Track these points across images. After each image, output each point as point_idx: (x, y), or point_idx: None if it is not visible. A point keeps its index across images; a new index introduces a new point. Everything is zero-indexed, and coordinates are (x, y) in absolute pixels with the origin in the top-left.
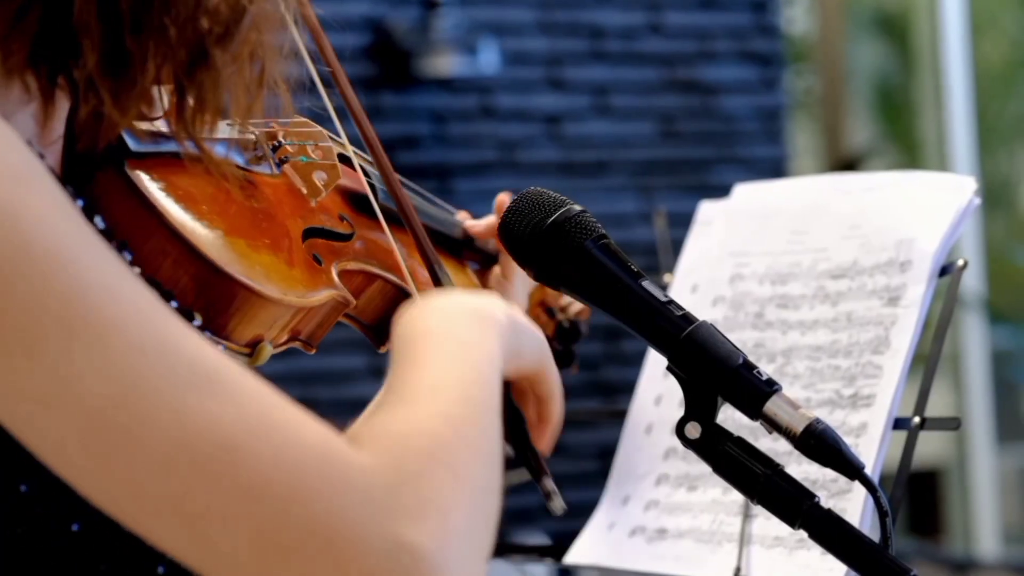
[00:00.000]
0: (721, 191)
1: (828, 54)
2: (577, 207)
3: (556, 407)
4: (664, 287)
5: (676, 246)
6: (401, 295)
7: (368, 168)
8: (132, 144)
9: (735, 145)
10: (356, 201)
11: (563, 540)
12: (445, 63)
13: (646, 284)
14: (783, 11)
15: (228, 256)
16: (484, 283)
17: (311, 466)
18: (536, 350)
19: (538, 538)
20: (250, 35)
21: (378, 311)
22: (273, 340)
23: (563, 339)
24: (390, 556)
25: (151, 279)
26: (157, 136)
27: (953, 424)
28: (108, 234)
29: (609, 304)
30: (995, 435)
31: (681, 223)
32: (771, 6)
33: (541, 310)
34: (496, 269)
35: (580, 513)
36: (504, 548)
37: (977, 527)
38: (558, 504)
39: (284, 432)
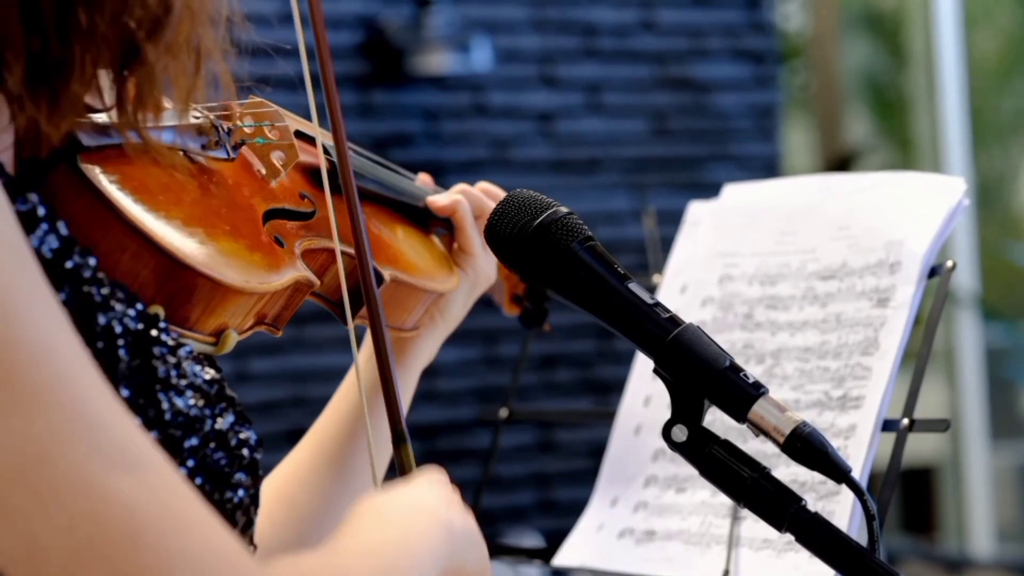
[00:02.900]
0: (714, 189)
1: (822, 51)
2: (563, 209)
3: None
4: (653, 288)
5: (670, 244)
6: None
7: (327, 143)
8: (84, 138)
9: (728, 143)
10: (317, 177)
11: (557, 539)
12: (438, 61)
13: (632, 286)
14: (776, 8)
15: (187, 246)
16: (450, 247)
17: (213, 569)
18: (480, 560)
19: (531, 538)
20: (183, 25)
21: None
22: (238, 327)
23: (533, 298)
24: None
25: (110, 275)
26: (109, 128)
27: (942, 426)
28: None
29: (595, 306)
30: (989, 433)
31: (674, 221)
32: (764, 3)
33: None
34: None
35: (573, 511)
36: (494, 549)
37: (971, 525)
38: None
39: (194, 531)
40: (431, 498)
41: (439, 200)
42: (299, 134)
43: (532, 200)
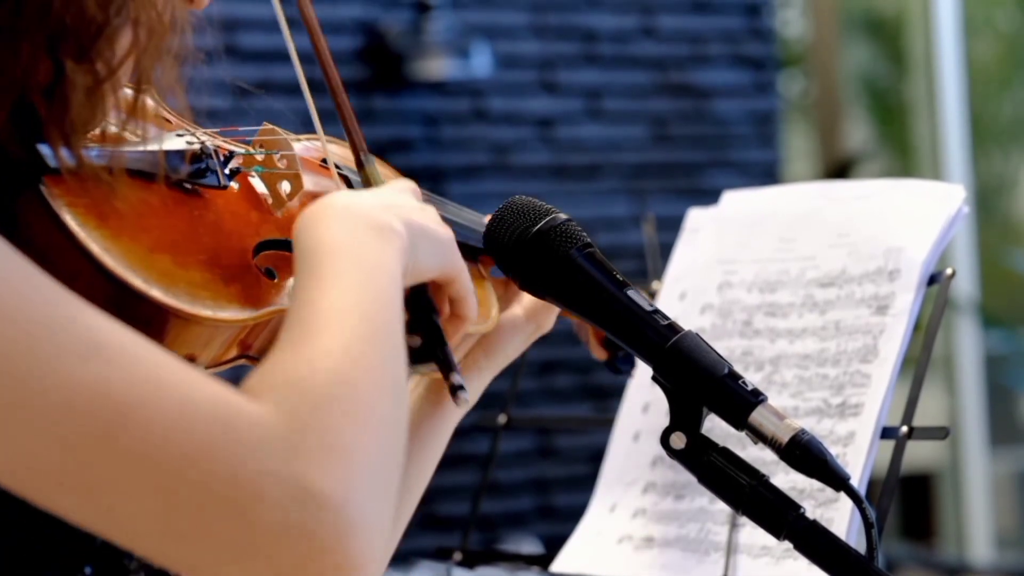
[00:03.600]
0: (714, 195)
1: (822, 57)
2: (562, 215)
3: (468, 307)
4: (652, 295)
5: (669, 250)
6: None
7: (350, 174)
8: (50, 159)
9: (728, 149)
10: None
11: (556, 545)
12: (437, 66)
13: (631, 293)
14: (776, 14)
15: (146, 275)
16: (509, 288)
17: (205, 424)
18: (437, 255)
19: (530, 544)
20: (131, 48)
21: None
22: (211, 359)
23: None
24: (296, 505)
25: None
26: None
27: (941, 434)
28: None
29: (594, 313)
30: (988, 439)
31: (674, 227)
32: (764, 10)
33: None
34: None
35: (572, 517)
36: (492, 556)
37: (970, 531)
38: (462, 398)
39: (175, 393)
40: (362, 203)
41: None
42: (324, 163)
43: (531, 206)
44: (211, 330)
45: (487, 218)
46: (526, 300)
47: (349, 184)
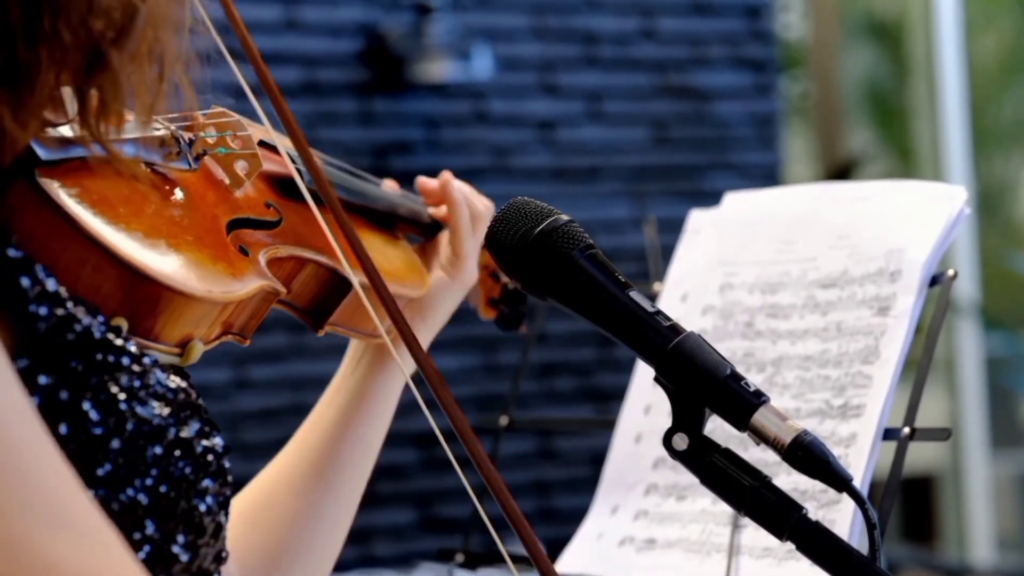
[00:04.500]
0: (714, 197)
1: (822, 60)
2: (564, 217)
3: None
4: (654, 296)
5: (670, 252)
6: (335, 277)
7: (290, 151)
8: (41, 152)
9: (728, 151)
10: (282, 186)
11: (557, 548)
12: (438, 68)
13: (633, 295)
14: (777, 17)
15: (148, 258)
16: (430, 254)
17: None
18: None
19: None
20: (147, 33)
21: (312, 295)
22: (204, 337)
23: (509, 301)
24: None
25: (71, 289)
26: (66, 142)
27: (943, 435)
28: (23, 249)
29: (596, 314)
30: (989, 442)
31: (674, 229)
32: (765, 12)
33: (487, 274)
34: (444, 242)
35: (573, 520)
36: (493, 557)
37: (971, 534)
38: None
39: None
40: None
41: (438, 211)
42: (263, 143)
43: (533, 208)
44: (209, 307)
45: (387, 182)
46: (442, 258)
47: (300, 175)
